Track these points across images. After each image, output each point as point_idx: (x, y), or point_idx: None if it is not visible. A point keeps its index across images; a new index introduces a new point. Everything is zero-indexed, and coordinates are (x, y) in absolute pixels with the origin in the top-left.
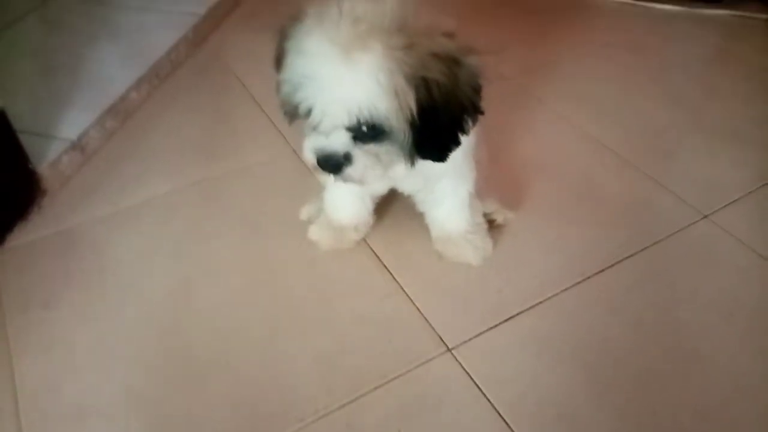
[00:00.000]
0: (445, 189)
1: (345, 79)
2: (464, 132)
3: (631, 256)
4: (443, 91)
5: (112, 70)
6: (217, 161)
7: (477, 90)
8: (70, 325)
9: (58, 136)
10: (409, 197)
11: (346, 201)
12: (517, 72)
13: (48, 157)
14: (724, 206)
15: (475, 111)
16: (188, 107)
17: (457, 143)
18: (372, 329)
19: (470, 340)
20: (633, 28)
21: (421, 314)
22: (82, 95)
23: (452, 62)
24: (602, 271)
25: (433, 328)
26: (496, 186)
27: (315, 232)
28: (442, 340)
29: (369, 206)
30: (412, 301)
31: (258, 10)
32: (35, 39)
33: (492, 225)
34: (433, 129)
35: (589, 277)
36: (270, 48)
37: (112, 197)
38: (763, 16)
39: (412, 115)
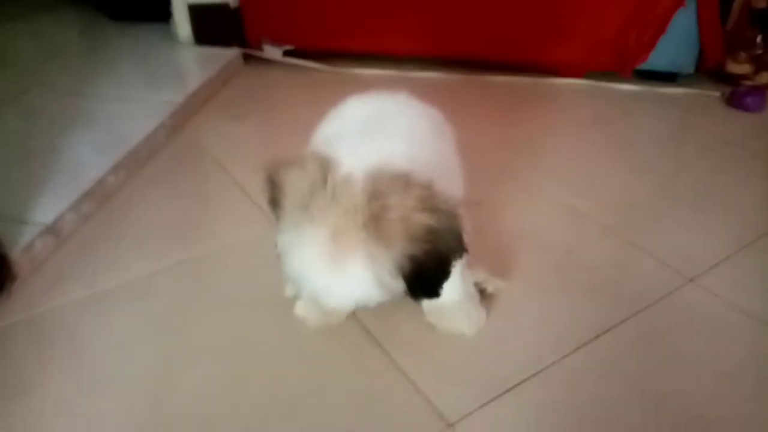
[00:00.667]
0: None
1: (335, 287)
2: (450, 273)
3: (624, 321)
4: (427, 258)
5: (89, 155)
6: (198, 242)
7: (459, 238)
8: (43, 418)
9: (32, 221)
10: None
11: None
12: (492, 147)
13: (21, 242)
14: (707, 270)
15: (460, 255)
16: (167, 191)
17: (446, 280)
18: (368, 410)
19: (471, 413)
20: (597, 107)
21: (418, 390)
22: (57, 180)
23: (430, 232)
24: (597, 337)
25: (431, 404)
26: (482, 257)
27: (301, 309)
28: (443, 416)
29: None
30: (407, 376)
31: (235, 97)
32: (11, 126)
33: (482, 294)
34: (423, 283)
35: (585, 344)
36: (247, 134)
37: (87, 281)
38: (716, 93)
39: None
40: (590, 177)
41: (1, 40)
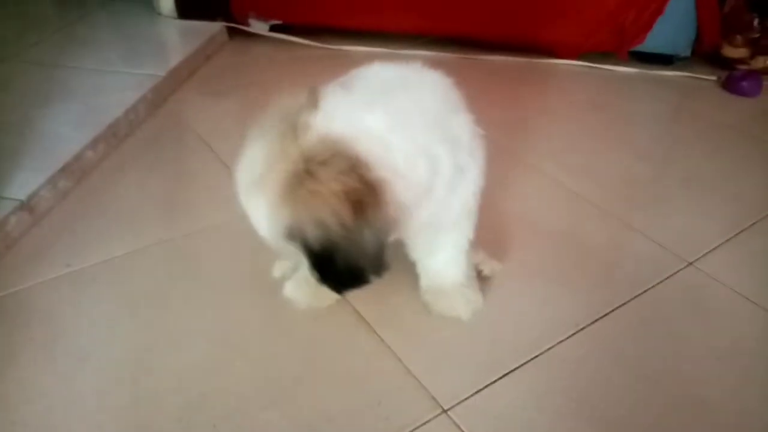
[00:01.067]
0: (443, 238)
1: (248, 211)
2: (364, 282)
3: (624, 304)
4: (323, 249)
5: (67, 129)
6: (181, 220)
7: (379, 248)
8: (18, 400)
9: (6, 197)
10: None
11: None
12: (490, 129)
13: None
14: (706, 253)
15: (376, 270)
16: (148, 167)
17: (358, 287)
18: (358, 393)
19: (467, 399)
20: (594, 89)
21: (411, 374)
22: (33, 155)
23: (332, 228)
24: (596, 321)
25: (425, 388)
26: (479, 238)
27: (290, 290)
28: (437, 401)
29: None
30: (400, 359)
31: (218, 73)
32: None
33: (479, 276)
34: (331, 269)
35: (583, 328)
36: (231, 110)
37: (64, 259)
38: (712, 77)
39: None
40: (588, 159)
41: None
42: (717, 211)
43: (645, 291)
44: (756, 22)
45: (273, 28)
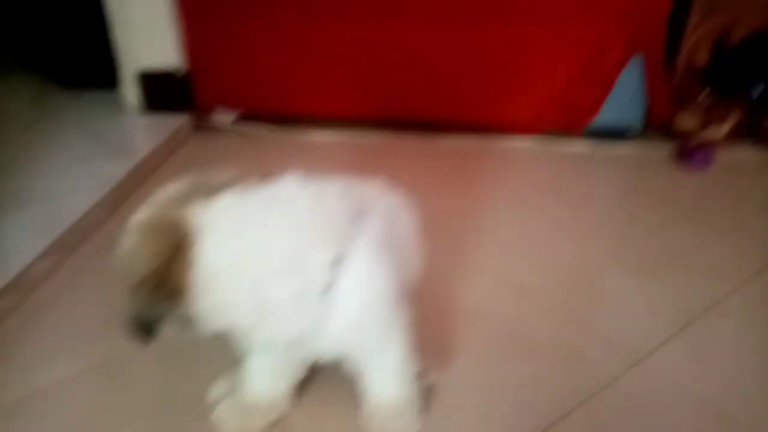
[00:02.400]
0: (373, 356)
1: None
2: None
3: (570, 413)
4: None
5: (15, 242)
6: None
7: (153, 317)
8: None
9: None
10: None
11: (268, 370)
12: (437, 216)
13: None
14: (653, 350)
15: (142, 334)
16: (100, 279)
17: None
18: None
19: None
20: (547, 169)
21: None
22: None
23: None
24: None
25: None
26: (424, 338)
27: (220, 413)
28: None
29: (294, 377)
30: None
31: (182, 168)
32: None
33: (421, 390)
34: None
35: None
36: None
37: (8, 378)
38: (665, 150)
39: None
40: (539, 247)
41: None
42: (667, 299)
43: (592, 396)
44: (705, 93)
45: (237, 120)
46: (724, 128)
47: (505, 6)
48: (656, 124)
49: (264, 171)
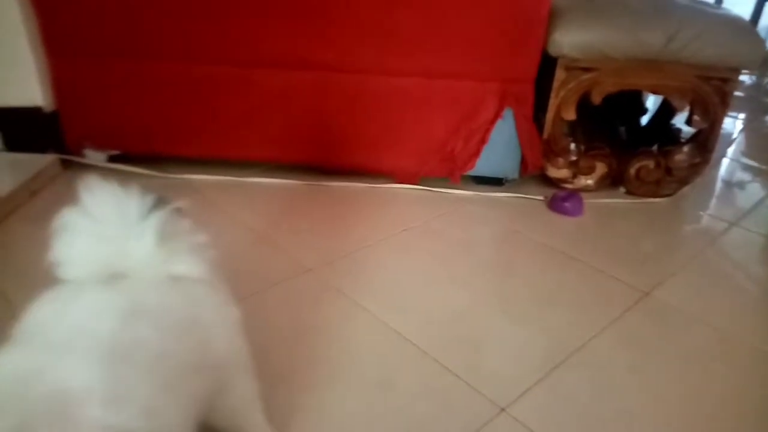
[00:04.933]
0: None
1: None
2: None
3: None
4: None
5: None
6: None
7: None
8: None
9: None
10: None
11: None
12: (316, 264)
13: None
14: (518, 397)
15: None
16: None
17: None
18: None
19: None
20: (430, 213)
21: None
22: None
23: None
24: None
25: None
26: (290, 400)
27: None
28: None
29: None
30: None
31: (48, 207)
32: None
33: None
34: None
35: None
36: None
37: None
38: (540, 197)
39: None
40: (415, 292)
41: None
42: (535, 343)
43: None
44: (573, 146)
45: (112, 159)
46: (593, 177)
47: (388, 57)
48: (531, 173)
49: None
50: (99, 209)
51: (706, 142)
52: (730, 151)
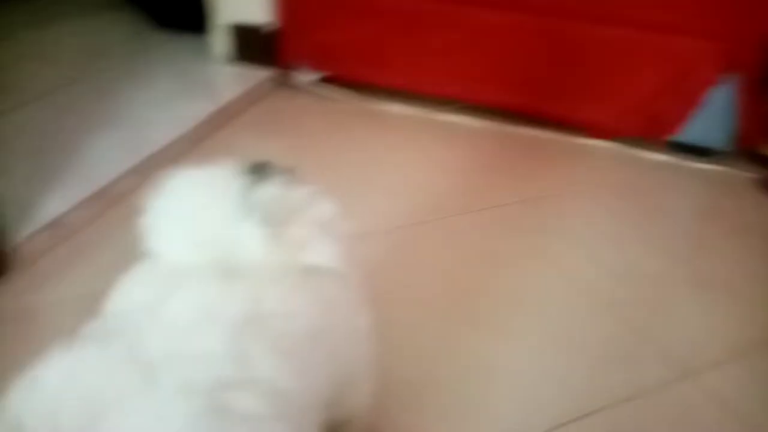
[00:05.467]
0: None
1: None
2: None
3: (609, 406)
4: None
5: (108, 156)
6: None
7: None
8: None
9: (36, 216)
10: None
11: None
12: (504, 201)
13: (20, 235)
14: (710, 368)
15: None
16: None
17: None
18: None
19: None
20: (624, 174)
21: None
22: (70, 178)
23: None
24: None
25: None
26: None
27: None
28: None
29: None
30: None
31: (262, 118)
32: (40, 120)
33: None
34: None
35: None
36: (267, 155)
37: (81, 281)
38: (751, 174)
39: None
40: (603, 247)
41: (49, 38)
42: (733, 321)
43: (638, 397)
44: None
45: (317, 81)
46: None
47: (604, 6)
48: (744, 148)
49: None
50: (189, 192)
51: None
52: None
